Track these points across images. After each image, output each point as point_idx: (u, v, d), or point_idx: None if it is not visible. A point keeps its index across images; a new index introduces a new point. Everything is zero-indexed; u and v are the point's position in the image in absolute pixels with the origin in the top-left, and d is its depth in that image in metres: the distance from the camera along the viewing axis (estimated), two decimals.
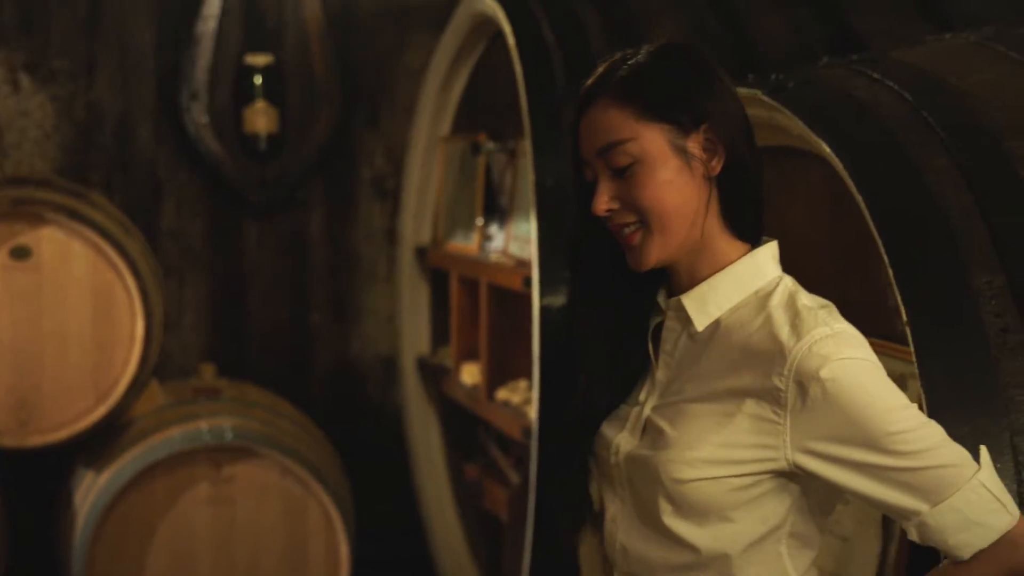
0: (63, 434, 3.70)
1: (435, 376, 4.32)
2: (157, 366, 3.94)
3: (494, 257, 3.68)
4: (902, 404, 1.71)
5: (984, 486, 1.70)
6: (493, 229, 3.78)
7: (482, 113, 4.14)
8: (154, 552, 3.65)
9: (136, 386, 3.72)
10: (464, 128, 4.23)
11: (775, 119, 2.23)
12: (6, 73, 4.39)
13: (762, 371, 1.75)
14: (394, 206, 4.66)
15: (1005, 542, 1.69)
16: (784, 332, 1.75)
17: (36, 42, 4.41)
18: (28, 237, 3.65)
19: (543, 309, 2.98)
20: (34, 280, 3.67)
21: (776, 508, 1.79)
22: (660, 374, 1.87)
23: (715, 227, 1.82)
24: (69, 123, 4.44)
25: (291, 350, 4.72)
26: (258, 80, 4.48)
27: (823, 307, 1.79)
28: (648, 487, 1.81)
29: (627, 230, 1.80)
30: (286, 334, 4.72)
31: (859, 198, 1.99)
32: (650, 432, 1.84)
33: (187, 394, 3.98)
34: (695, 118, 1.79)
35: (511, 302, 3.60)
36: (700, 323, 1.83)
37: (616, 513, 1.89)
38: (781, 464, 1.75)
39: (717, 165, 1.79)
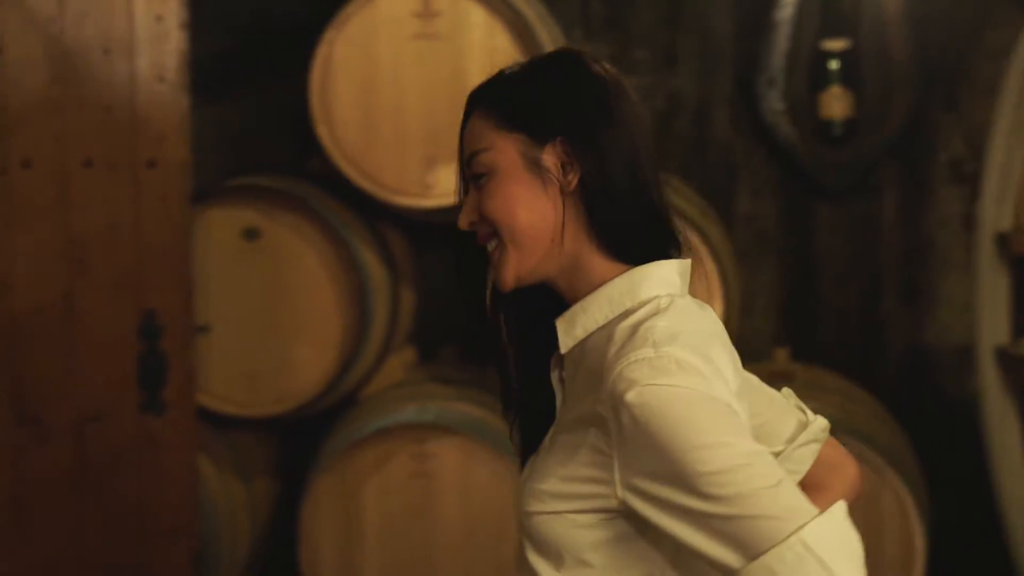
0: None
1: (1016, 368, 4.15)
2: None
3: None
4: (721, 441, 1.48)
5: (805, 545, 1.42)
6: None
7: None
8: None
9: None
10: None
11: None
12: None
13: (594, 397, 1.58)
14: (971, 191, 4.51)
15: None
16: (611, 354, 1.58)
17: (620, 35, 4.61)
18: None
19: None
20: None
21: (637, 556, 1.59)
22: (559, 402, 1.73)
23: (584, 245, 1.67)
24: (649, 111, 4.61)
25: (861, 336, 4.68)
26: (834, 65, 4.46)
27: (671, 331, 1.57)
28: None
29: (490, 246, 1.70)
30: (856, 320, 4.68)
31: None
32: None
33: (760, 378, 4.04)
34: (550, 130, 1.66)
35: None
36: (564, 344, 1.68)
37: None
38: (613, 502, 1.56)
39: (572, 180, 1.65)
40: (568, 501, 1.59)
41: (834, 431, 1.85)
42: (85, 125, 3.23)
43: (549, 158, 1.65)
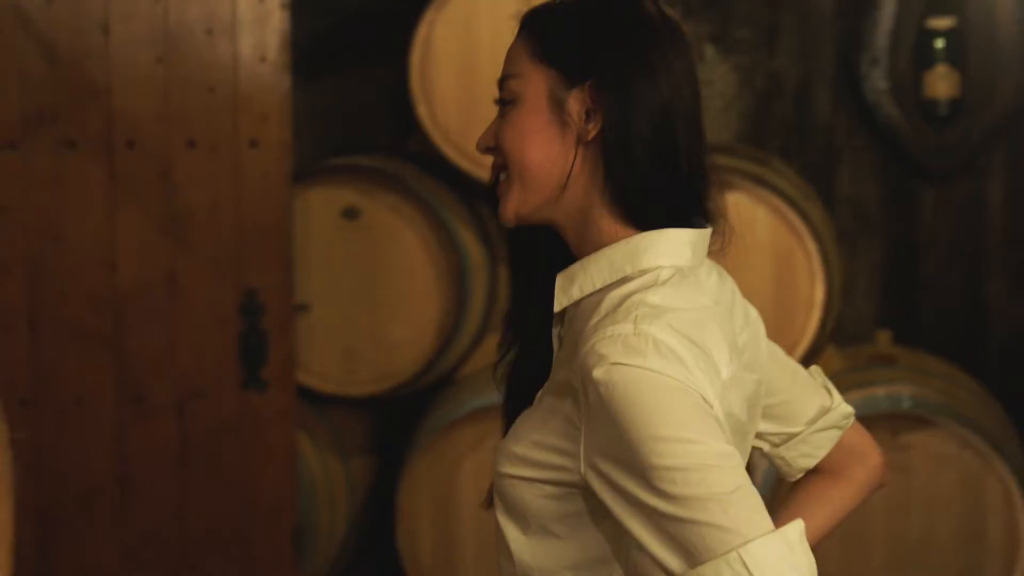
0: None
1: None
2: (831, 332, 3.98)
3: None
4: (682, 436, 1.37)
5: (744, 562, 1.31)
6: None
7: None
8: None
9: (813, 351, 3.77)
10: None
11: None
12: (692, 45, 4.57)
13: (570, 365, 1.51)
14: None
15: None
16: (590, 325, 1.50)
17: (720, 14, 4.56)
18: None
19: None
20: (718, 243, 3.81)
21: (603, 535, 1.52)
22: (554, 357, 1.65)
23: (595, 200, 1.57)
24: (750, 91, 4.56)
25: (965, 319, 4.60)
26: (939, 44, 4.38)
27: (658, 307, 1.47)
28: None
29: (502, 176, 1.62)
30: (960, 303, 4.60)
31: None
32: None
33: (862, 361, 3.99)
34: (582, 71, 1.56)
35: None
36: (559, 302, 1.60)
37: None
38: (575, 476, 1.48)
39: (592, 130, 1.56)
40: (536, 469, 1.52)
41: (938, 415, 1.80)
42: (188, 105, 3.26)
43: (574, 102, 1.56)
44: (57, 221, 3.20)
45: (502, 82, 1.61)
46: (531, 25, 1.61)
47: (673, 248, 1.55)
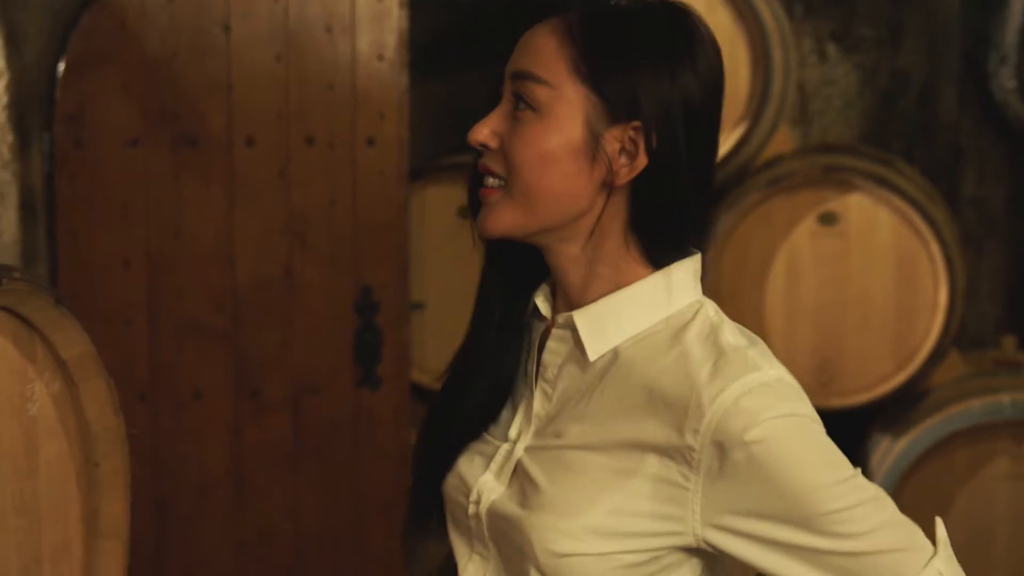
0: (862, 398, 3.75)
1: None
2: (954, 337, 3.89)
3: None
4: (843, 476, 1.35)
5: (941, 573, 1.36)
6: None
7: None
8: (950, 524, 3.62)
9: (936, 355, 3.68)
10: None
11: None
12: (814, 43, 4.50)
13: (672, 423, 1.36)
14: None
15: None
16: (703, 376, 1.36)
17: (843, 12, 4.48)
18: (836, 203, 3.73)
19: None
20: (840, 246, 3.75)
21: None
22: (538, 405, 1.48)
23: (614, 241, 1.44)
24: (872, 90, 4.48)
25: None
26: None
27: (752, 345, 1.41)
28: (516, 554, 1.42)
29: (491, 180, 1.45)
30: None
31: None
32: (521, 481, 1.45)
33: (986, 366, 3.90)
34: (631, 109, 1.40)
35: None
36: (594, 350, 1.44)
37: (478, 574, 1.50)
38: (687, 539, 1.38)
39: (624, 175, 1.42)
40: (618, 540, 1.38)
41: None
42: (307, 103, 3.27)
43: (612, 140, 1.41)
44: (177, 217, 3.24)
45: (520, 78, 1.43)
46: (575, 31, 1.42)
47: (695, 280, 1.47)
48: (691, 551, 1.40)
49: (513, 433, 1.49)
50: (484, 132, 1.45)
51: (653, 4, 1.45)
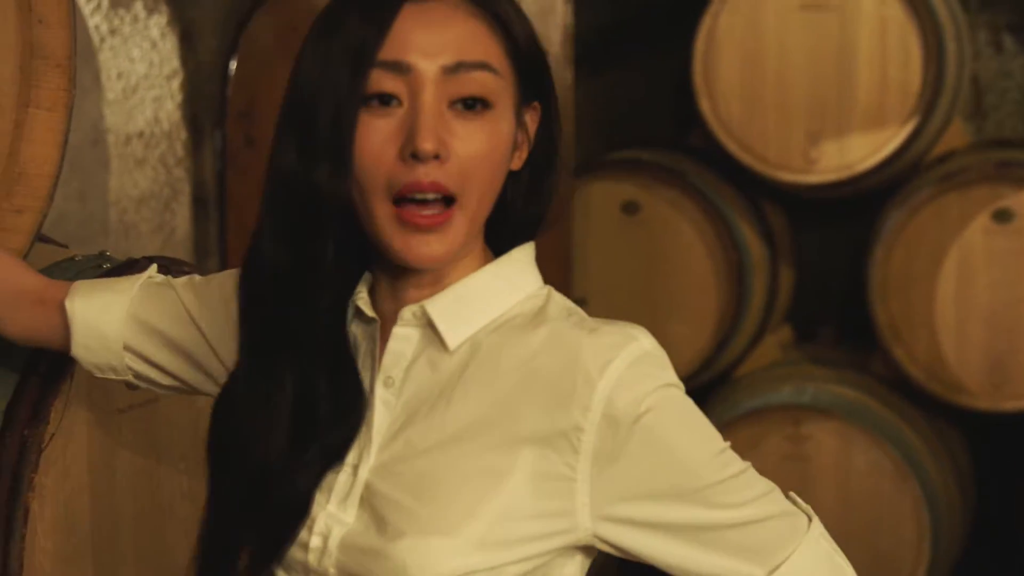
0: None
1: None
2: None
3: None
4: (723, 446, 1.26)
5: (824, 538, 1.29)
6: None
7: None
8: None
9: None
10: None
11: None
12: (989, 35, 4.38)
13: (554, 404, 1.22)
14: None
15: None
16: (585, 350, 1.22)
17: (1020, 2, 4.35)
18: (1011, 200, 3.63)
19: None
20: (1015, 244, 3.64)
21: None
22: (378, 418, 1.28)
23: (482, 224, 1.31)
24: None
25: None
26: None
27: (607, 322, 1.27)
28: None
29: (430, 196, 1.22)
30: None
31: None
32: (375, 506, 1.25)
33: None
34: (534, 87, 1.29)
35: None
36: (455, 338, 1.27)
37: None
38: (578, 536, 1.24)
39: (520, 158, 1.30)
40: (506, 550, 1.23)
41: None
42: None
43: (527, 121, 1.30)
44: None
45: (469, 69, 1.23)
46: (488, 8, 1.26)
47: (535, 265, 1.34)
48: (580, 549, 1.27)
49: (352, 457, 1.28)
50: (431, 139, 1.22)
51: None
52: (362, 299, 1.30)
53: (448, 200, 1.23)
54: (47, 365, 1.59)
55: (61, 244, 1.97)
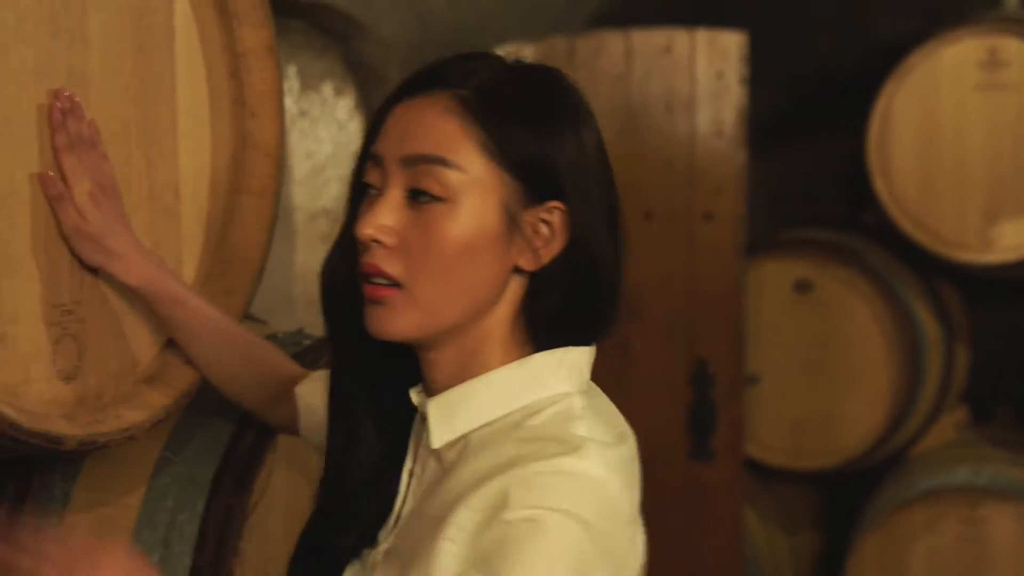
0: None
1: None
2: None
3: None
4: None
5: None
6: None
7: None
8: None
9: None
10: None
11: None
12: None
13: (467, 505, 1.19)
14: None
15: None
16: (506, 456, 1.21)
17: None
18: None
19: None
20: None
21: None
22: (400, 503, 1.32)
23: (506, 323, 1.29)
24: None
25: None
26: None
27: (601, 442, 1.23)
28: None
29: (379, 280, 1.26)
30: None
31: None
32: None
33: None
34: (549, 188, 1.25)
35: None
36: (439, 438, 1.28)
37: None
38: None
39: (543, 257, 1.26)
40: None
41: None
42: (645, 179, 3.35)
43: (531, 219, 1.27)
44: None
45: (422, 163, 1.25)
46: (473, 106, 1.26)
47: (576, 370, 1.30)
48: None
49: (382, 536, 1.33)
50: (371, 226, 1.25)
51: (537, 69, 1.32)
52: (415, 390, 1.34)
53: (397, 283, 1.26)
54: (253, 435, 1.67)
55: (260, 319, 2.06)
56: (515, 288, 1.29)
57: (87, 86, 1.54)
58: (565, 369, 1.29)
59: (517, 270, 1.28)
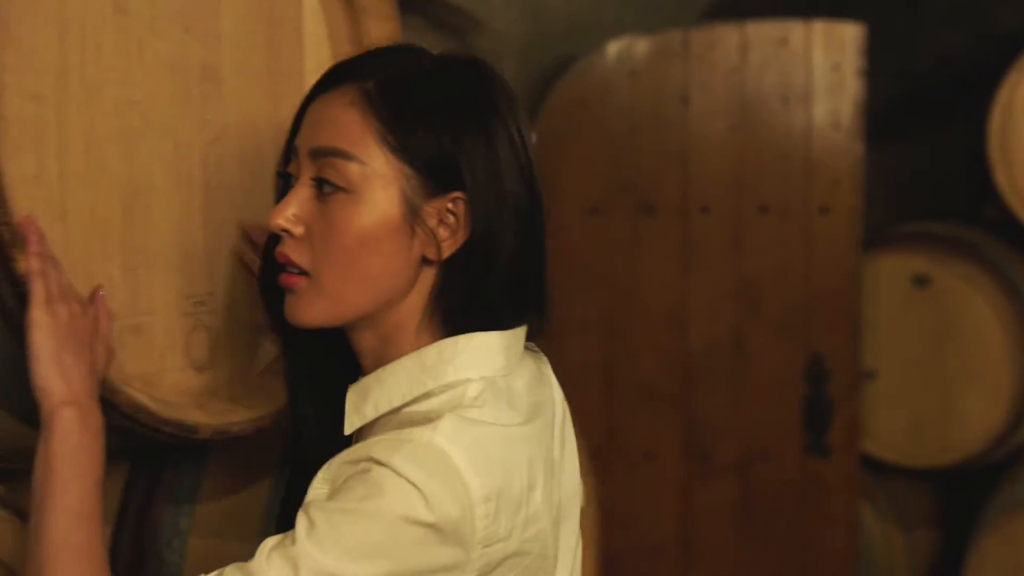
0: None
1: None
2: None
3: None
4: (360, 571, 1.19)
5: None
6: None
7: None
8: None
9: None
10: None
11: None
12: None
13: (326, 467, 1.28)
14: None
15: None
16: (381, 435, 1.27)
17: None
18: None
19: None
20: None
21: None
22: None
23: (418, 312, 1.33)
24: None
25: None
26: None
27: (480, 424, 1.26)
28: None
29: (291, 268, 1.32)
30: None
31: None
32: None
33: None
34: (449, 179, 1.29)
35: None
36: (350, 424, 1.34)
37: None
38: None
39: (447, 248, 1.30)
40: None
41: None
42: (761, 172, 3.32)
43: (433, 212, 1.30)
44: (633, 282, 3.35)
45: (325, 156, 1.30)
46: (377, 101, 1.31)
47: (483, 356, 1.32)
48: None
49: None
50: (286, 217, 1.31)
51: (452, 62, 1.35)
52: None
53: (305, 272, 1.32)
54: None
55: None
56: (427, 278, 1.33)
57: (219, 81, 1.57)
58: (467, 355, 1.32)
59: (427, 260, 1.32)
